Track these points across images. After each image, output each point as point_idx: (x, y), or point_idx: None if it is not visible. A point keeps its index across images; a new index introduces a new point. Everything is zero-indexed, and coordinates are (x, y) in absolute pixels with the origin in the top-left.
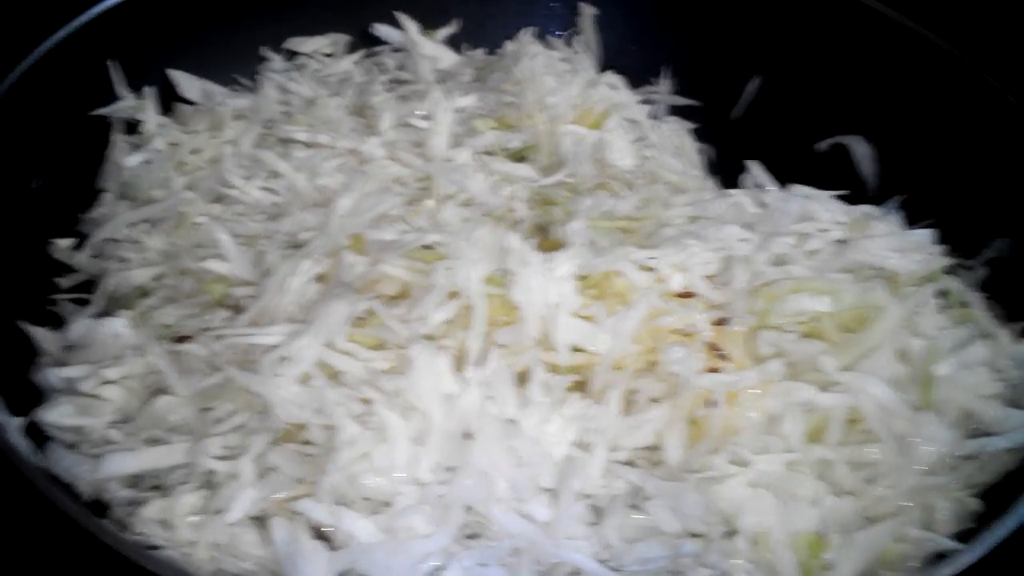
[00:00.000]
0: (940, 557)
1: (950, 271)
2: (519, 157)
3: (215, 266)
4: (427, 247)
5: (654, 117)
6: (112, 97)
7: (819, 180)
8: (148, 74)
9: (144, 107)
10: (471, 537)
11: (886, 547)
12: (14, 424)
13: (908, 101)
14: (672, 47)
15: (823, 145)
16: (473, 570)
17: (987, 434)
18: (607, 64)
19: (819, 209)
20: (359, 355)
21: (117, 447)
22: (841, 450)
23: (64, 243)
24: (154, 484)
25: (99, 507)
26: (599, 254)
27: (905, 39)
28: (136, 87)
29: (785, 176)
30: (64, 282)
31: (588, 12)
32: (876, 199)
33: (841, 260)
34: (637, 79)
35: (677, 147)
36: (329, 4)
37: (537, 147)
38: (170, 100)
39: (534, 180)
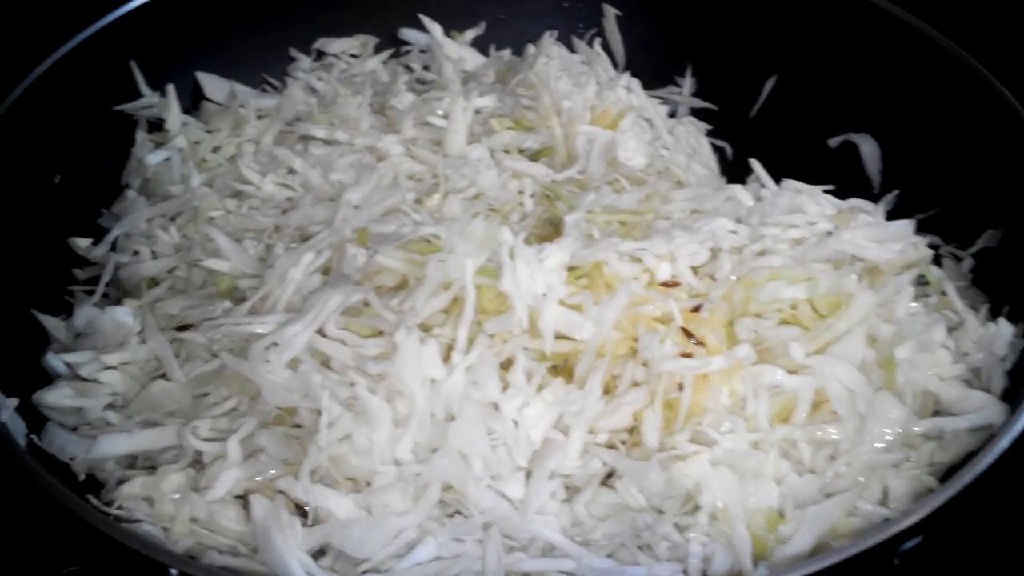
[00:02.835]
0: None
1: (936, 261)
2: (536, 158)
3: (216, 264)
4: (426, 240)
5: (673, 116)
6: (138, 95)
7: (832, 177)
8: (180, 74)
9: (167, 105)
10: (451, 516)
11: (838, 520)
12: (7, 404)
13: (912, 98)
14: (693, 47)
15: (834, 142)
16: (448, 545)
17: (949, 415)
18: (630, 63)
19: (808, 202)
20: (350, 342)
21: (112, 429)
22: (803, 429)
23: (83, 242)
24: (148, 465)
25: (93, 486)
26: (589, 246)
27: (912, 38)
28: (166, 86)
29: (799, 174)
30: (81, 274)
31: (611, 13)
32: (880, 194)
33: (822, 250)
34: (660, 78)
35: (693, 146)
36: (358, 6)
37: (553, 148)
38: (199, 99)
39: (546, 177)
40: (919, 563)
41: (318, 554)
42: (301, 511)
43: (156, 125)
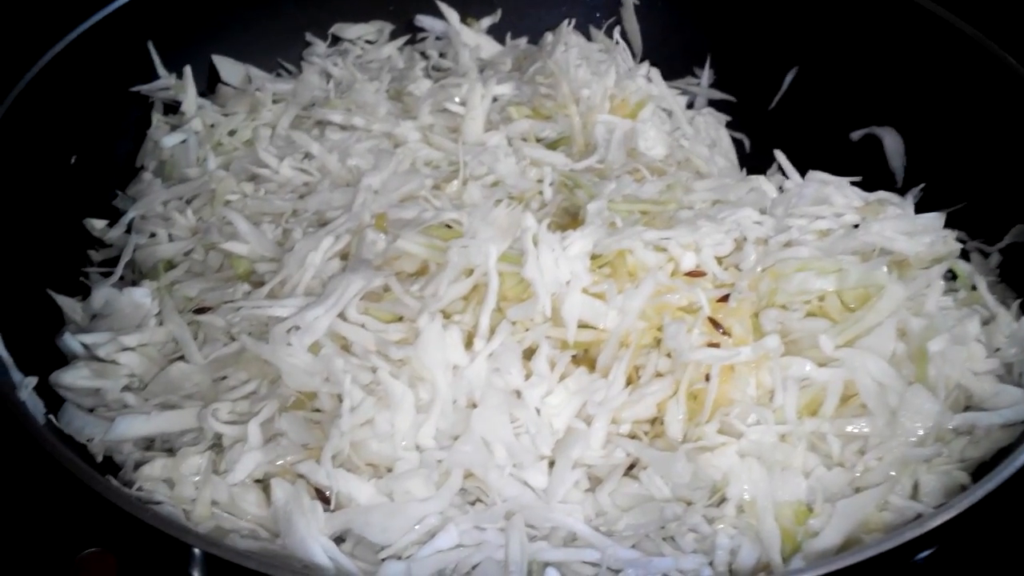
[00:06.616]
0: None
1: (964, 255)
2: (553, 147)
3: (234, 247)
4: (447, 225)
5: (691, 107)
6: (154, 77)
7: (854, 171)
8: (196, 56)
9: (184, 88)
10: (473, 504)
11: (869, 515)
12: (26, 383)
13: (937, 91)
14: (712, 37)
15: (856, 135)
16: (469, 533)
17: (981, 410)
18: (648, 53)
19: (835, 194)
20: (371, 327)
21: (131, 411)
22: (832, 423)
23: (99, 223)
24: (166, 447)
25: (111, 468)
26: (613, 234)
27: (937, 28)
28: (183, 69)
29: (820, 168)
30: (96, 255)
31: (629, 2)
32: (903, 188)
33: (850, 242)
34: (678, 69)
35: (712, 138)
36: None
37: (571, 138)
38: (215, 82)
39: (564, 165)
40: (938, 564)
41: (337, 540)
42: (321, 496)
43: (172, 107)
